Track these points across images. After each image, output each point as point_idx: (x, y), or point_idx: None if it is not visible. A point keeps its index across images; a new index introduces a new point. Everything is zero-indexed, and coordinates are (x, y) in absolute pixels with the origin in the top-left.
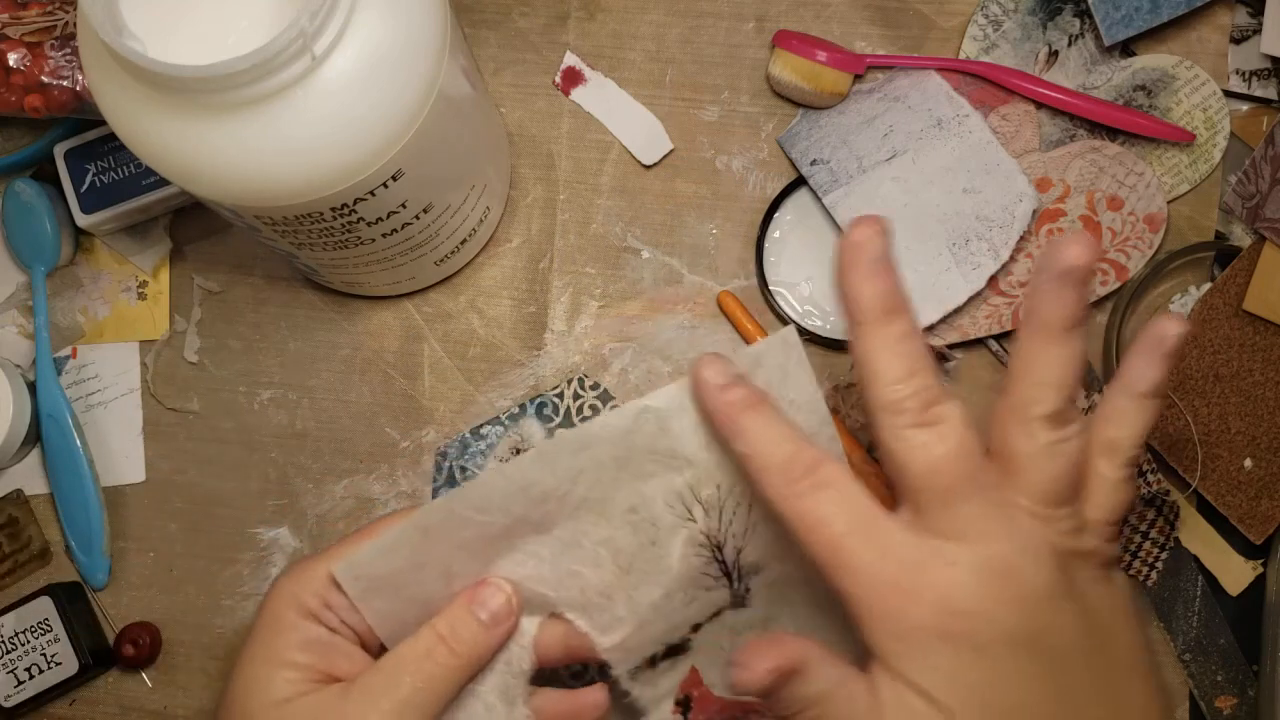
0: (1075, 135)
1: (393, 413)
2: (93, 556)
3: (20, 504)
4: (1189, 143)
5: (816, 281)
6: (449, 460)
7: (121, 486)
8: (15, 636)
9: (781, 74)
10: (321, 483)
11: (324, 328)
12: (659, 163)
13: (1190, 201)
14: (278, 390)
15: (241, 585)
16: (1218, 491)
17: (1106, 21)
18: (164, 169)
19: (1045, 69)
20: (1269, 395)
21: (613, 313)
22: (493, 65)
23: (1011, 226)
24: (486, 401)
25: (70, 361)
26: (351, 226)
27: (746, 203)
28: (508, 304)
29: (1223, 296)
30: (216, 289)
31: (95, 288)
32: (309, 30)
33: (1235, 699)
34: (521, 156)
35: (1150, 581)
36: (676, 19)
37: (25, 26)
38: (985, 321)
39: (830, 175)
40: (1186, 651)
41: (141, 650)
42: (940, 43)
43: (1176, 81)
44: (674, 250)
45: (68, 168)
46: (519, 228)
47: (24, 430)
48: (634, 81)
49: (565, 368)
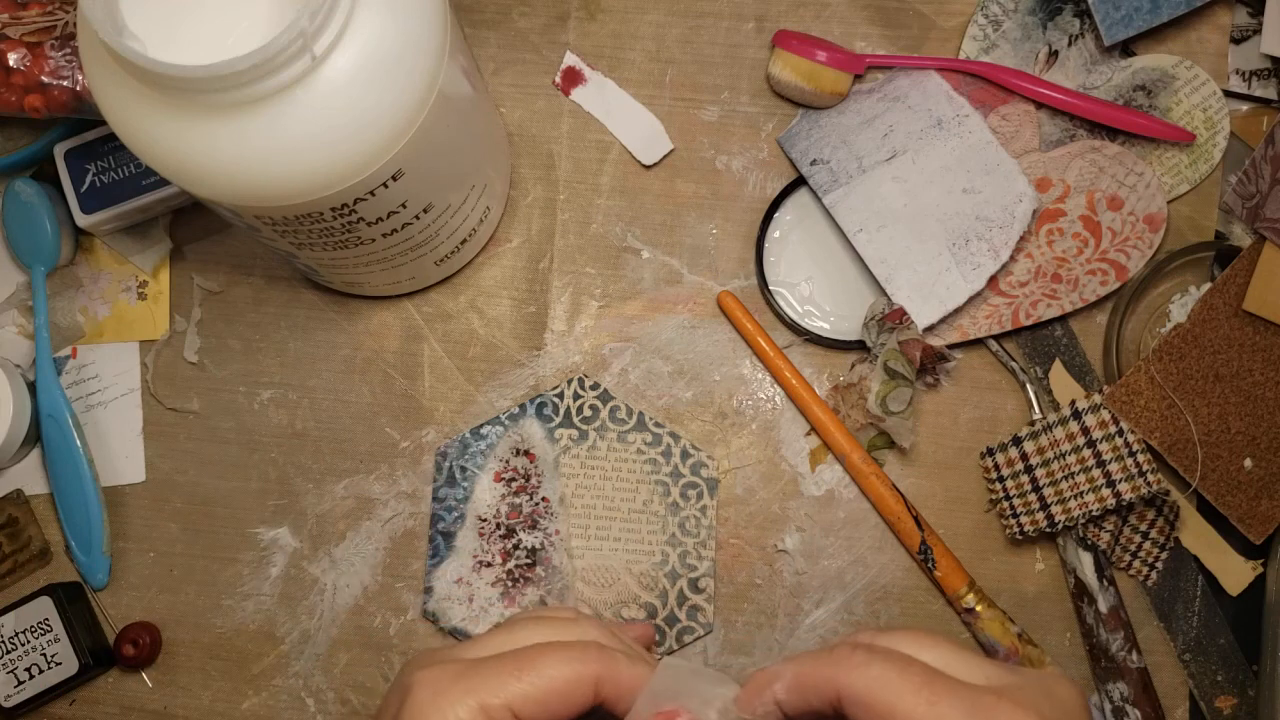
0: (1075, 135)
1: (393, 413)
2: (93, 556)
3: (20, 504)
4: (1189, 143)
5: (816, 281)
6: (449, 460)
7: (121, 486)
8: (15, 636)
9: (781, 74)
10: (321, 483)
11: (324, 328)
12: (659, 163)
13: (1190, 201)
14: (278, 390)
15: (241, 585)
16: (1218, 491)
17: (1106, 21)
18: (164, 169)
19: (1045, 69)
20: (1269, 395)
21: (613, 313)
22: (493, 65)
23: (1011, 226)
24: (486, 401)
25: (70, 361)
26: (351, 226)
27: (746, 203)
28: (508, 304)
29: (1223, 296)
30: (216, 289)
31: (95, 288)
32: (309, 30)
33: (1235, 699)
34: (521, 156)
35: (1150, 581)
36: (676, 19)
37: (25, 26)
38: (985, 321)
39: (830, 175)
40: (1186, 651)
41: (141, 650)
42: (940, 43)
43: (1176, 81)
44: (674, 250)
45: (68, 168)
46: (519, 228)
47: (24, 430)
48: (634, 81)
49: (565, 368)
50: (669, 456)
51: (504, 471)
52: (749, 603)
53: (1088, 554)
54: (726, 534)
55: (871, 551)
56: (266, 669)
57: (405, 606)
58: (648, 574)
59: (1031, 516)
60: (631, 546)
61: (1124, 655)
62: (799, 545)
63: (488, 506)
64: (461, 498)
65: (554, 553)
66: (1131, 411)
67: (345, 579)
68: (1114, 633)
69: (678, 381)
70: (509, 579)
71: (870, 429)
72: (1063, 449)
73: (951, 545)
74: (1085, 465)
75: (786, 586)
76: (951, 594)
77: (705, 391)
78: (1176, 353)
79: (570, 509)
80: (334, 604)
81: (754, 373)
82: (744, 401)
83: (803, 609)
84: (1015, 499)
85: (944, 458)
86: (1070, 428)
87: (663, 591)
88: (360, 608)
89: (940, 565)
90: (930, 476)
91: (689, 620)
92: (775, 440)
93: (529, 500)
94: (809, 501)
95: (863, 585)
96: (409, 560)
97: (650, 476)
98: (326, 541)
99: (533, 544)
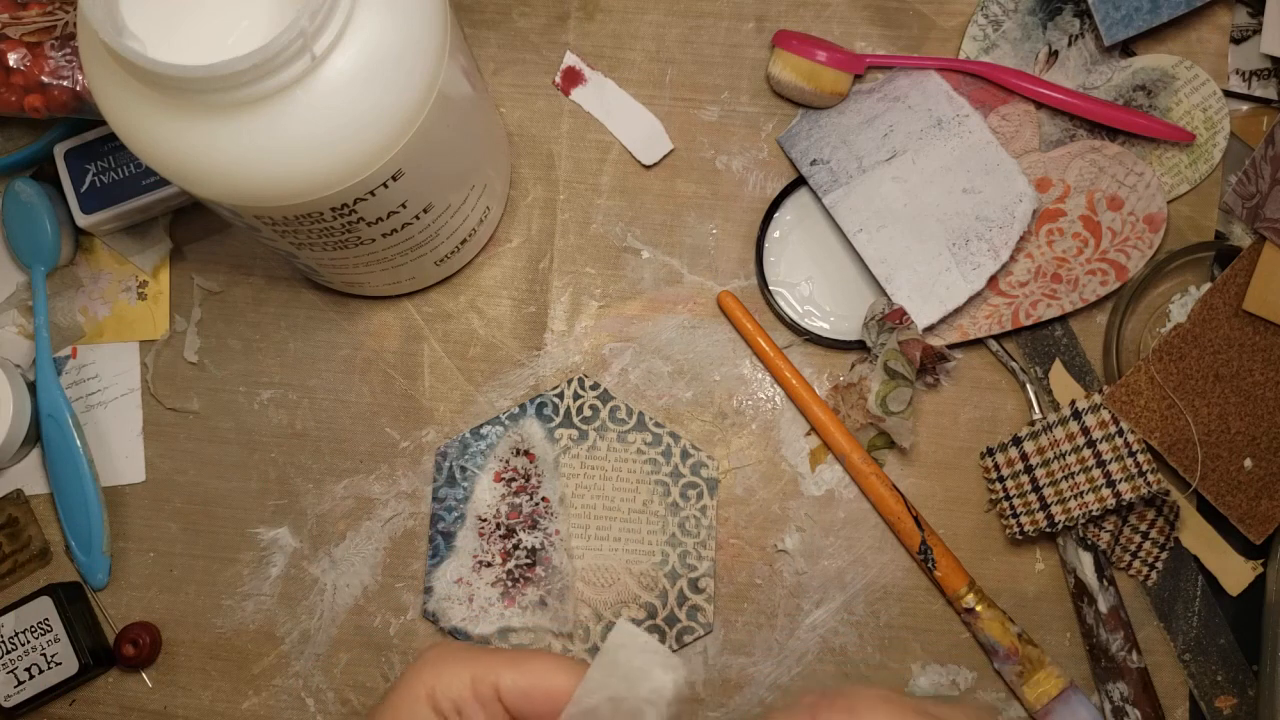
0: (1075, 135)
1: (393, 413)
2: (93, 556)
3: (20, 504)
4: (1189, 143)
5: (816, 281)
6: (449, 460)
7: (121, 486)
8: (15, 636)
9: (781, 74)
10: (321, 483)
11: (324, 328)
12: (659, 163)
13: (1190, 201)
14: (278, 390)
15: (241, 585)
16: (1218, 491)
17: (1106, 21)
18: (164, 169)
19: (1045, 69)
20: (1269, 395)
21: (613, 313)
22: (493, 65)
23: (1011, 226)
24: (486, 401)
25: (70, 361)
26: (351, 226)
27: (746, 203)
28: (508, 304)
29: (1223, 296)
30: (216, 289)
31: (95, 288)
32: (309, 30)
33: (1235, 699)
34: (521, 156)
35: (1150, 581)
36: (676, 19)
37: (25, 26)
38: (985, 321)
39: (830, 175)
40: (1186, 651)
41: (141, 650)
42: (940, 43)
43: (1176, 81)
44: (674, 250)
45: (68, 168)
46: (519, 228)
47: (24, 430)
48: (634, 81)
49: (565, 368)
50: (669, 456)
51: (504, 471)
52: (749, 603)
53: (1088, 554)
54: (726, 534)
55: (871, 551)
56: (266, 669)
57: (405, 606)
58: (648, 574)
59: (1031, 516)
60: (631, 546)
61: (1124, 655)
62: (799, 545)
63: (488, 506)
64: (461, 498)
65: (554, 553)
66: (1131, 411)
67: (345, 579)
68: (1114, 633)
69: (678, 381)
70: (509, 579)
71: (870, 429)
72: (1063, 449)
73: (951, 545)
74: (1085, 465)
75: (786, 586)
76: (951, 594)
77: (705, 391)
78: (1176, 353)
79: (570, 509)
80: (334, 604)
81: (754, 373)
82: (744, 401)
83: (803, 609)
84: (1015, 499)
85: (944, 458)
86: (1070, 428)
87: (663, 591)
88: (360, 608)
89: (940, 565)
90: (930, 476)
91: (689, 620)
92: (775, 440)
93: (529, 500)
94: (809, 501)
95: (863, 585)
96: (409, 560)
97: (650, 476)
98: (326, 541)
99: (533, 544)
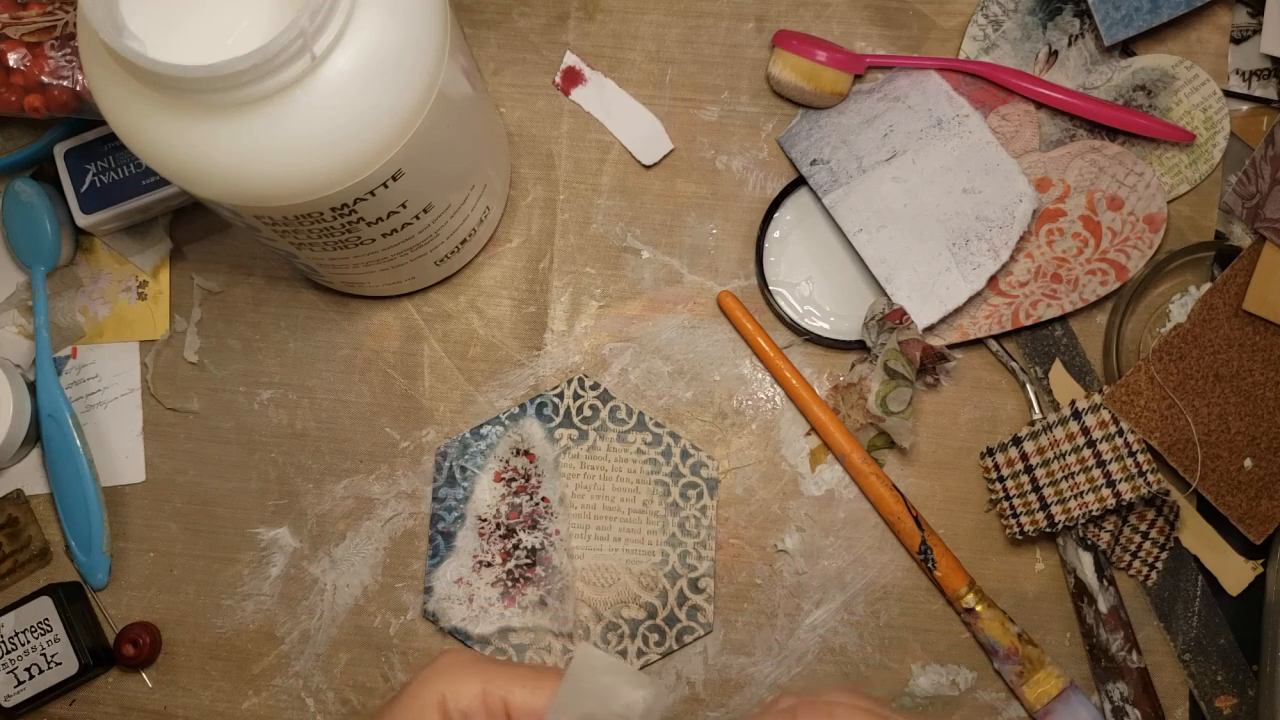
0: (1075, 135)
1: (393, 413)
2: (93, 556)
3: (20, 504)
4: (1189, 143)
5: (816, 281)
6: (449, 460)
7: (121, 486)
8: (15, 636)
9: (781, 74)
10: (321, 483)
11: (324, 328)
12: (659, 163)
13: (1190, 201)
14: (278, 390)
15: (241, 585)
16: (1218, 491)
17: (1106, 21)
18: (164, 169)
19: (1045, 69)
20: (1269, 395)
21: (613, 313)
22: (493, 65)
23: (1011, 226)
24: (486, 401)
25: (70, 361)
26: (351, 226)
27: (746, 203)
28: (508, 304)
29: (1223, 296)
30: (216, 289)
31: (95, 288)
32: (309, 30)
33: (1235, 699)
34: (521, 156)
35: (1150, 581)
36: (676, 19)
37: (25, 26)
38: (985, 321)
39: (830, 175)
40: (1186, 651)
41: (141, 650)
42: (940, 43)
43: (1176, 81)
44: (674, 250)
45: (68, 168)
46: (519, 228)
47: (24, 430)
48: (634, 81)
49: (565, 368)
50: (669, 456)
51: (504, 471)
52: (749, 603)
53: (1088, 554)
54: (726, 534)
55: (871, 551)
56: (266, 669)
57: (405, 606)
58: (648, 574)
59: (1031, 516)
60: (631, 546)
61: (1124, 655)
62: (799, 545)
63: (488, 506)
64: (461, 498)
65: (554, 553)
66: (1131, 411)
67: (345, 579)
68: (1114, 633)
69: (678, 381)
70: (509, 579)
71: (870, 429)
72: (1063, 449)
73: (951, 545)
74: (1085, 465)
75: (786, 586)
76: (951, 594)
77: (705, 391)
78: (1176, 353)
79: (570, 509)
80: (334, 604)
81: (754, 373)
82: (744, 401)
83: (803, 609)
84: (1015, 499)
85: (944, 458)
86: (1070, 428)
87: (663, 591)
88: (360, 608)
89: (940, 565)
90: (930, 476)
91: (689, 620)
92: (775, 440)
93: (529, 500)
94: (809, 501)
95: (863, 585)
96: (409, 560)
97: (650, 476)
98: (326, 541)
99: (533, 544)
